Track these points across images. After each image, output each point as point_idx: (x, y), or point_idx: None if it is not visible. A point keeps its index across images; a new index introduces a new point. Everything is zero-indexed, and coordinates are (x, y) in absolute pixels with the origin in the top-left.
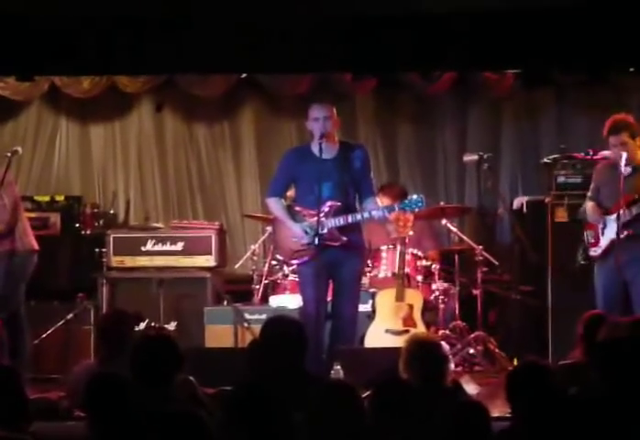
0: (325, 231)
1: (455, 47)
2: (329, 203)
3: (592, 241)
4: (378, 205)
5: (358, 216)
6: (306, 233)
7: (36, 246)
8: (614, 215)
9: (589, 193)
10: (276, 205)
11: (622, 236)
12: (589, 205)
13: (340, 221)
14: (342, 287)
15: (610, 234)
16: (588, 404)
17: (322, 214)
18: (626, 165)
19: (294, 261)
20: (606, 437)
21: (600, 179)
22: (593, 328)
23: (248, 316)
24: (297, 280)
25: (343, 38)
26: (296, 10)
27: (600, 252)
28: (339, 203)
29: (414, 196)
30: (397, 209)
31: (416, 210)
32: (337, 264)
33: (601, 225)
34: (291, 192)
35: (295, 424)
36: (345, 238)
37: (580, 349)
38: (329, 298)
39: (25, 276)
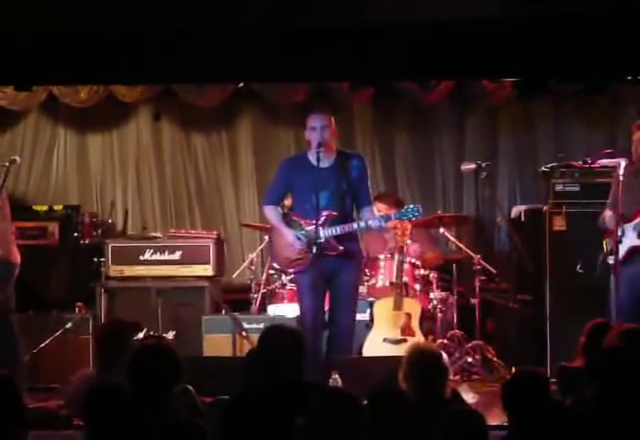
0: (322, 240)
1: (452, 55)
2: (326, 213)
3: (611, 249)
4: (374, 214)
5: (355, 225)
6: (299, 238)
7: (18, 258)
8: (633, 223)
9: (608, 201)
10: (272, 213)
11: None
12: (607, 214)
13: (337, 230)
14: (339, 296)
15: (628, 242)
16: (584, 414)
17: (318, 224)
18: None
19: (290, 270)
20: None
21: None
22: (597, 337)
23: (246, 325)
24: (295, 289)
25: (340, 47)
26: (293, 20)
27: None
28: (336, 213)
29: (411, 206)
30: (393, 218)
31: (413, 219)
32: (334, 273)
33: (619, 233)
34: (288, 201)
35: (295, 434)
36: (342, 248)
37: (582, 358)
38: (327, 307)
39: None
